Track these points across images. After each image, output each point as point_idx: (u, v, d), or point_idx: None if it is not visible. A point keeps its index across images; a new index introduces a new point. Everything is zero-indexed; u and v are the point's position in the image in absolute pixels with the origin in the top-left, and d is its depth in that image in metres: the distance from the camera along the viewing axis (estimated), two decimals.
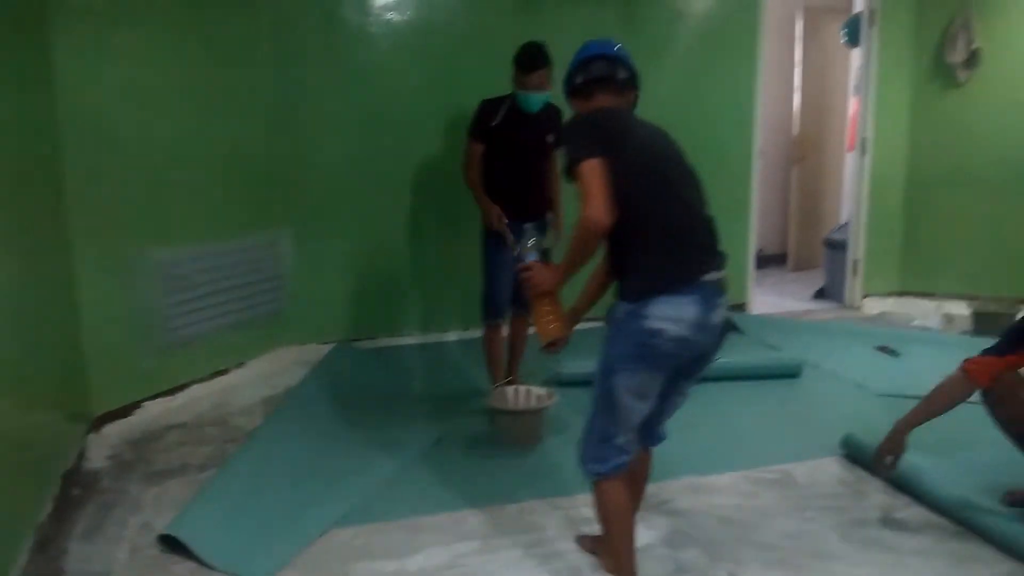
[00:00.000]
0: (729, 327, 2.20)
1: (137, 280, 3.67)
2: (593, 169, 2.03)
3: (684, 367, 2.18)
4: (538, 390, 3.51)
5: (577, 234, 2.07)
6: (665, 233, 2.11)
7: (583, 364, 4.08)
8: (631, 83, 2.32)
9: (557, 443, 3.40)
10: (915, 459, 2.87)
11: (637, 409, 2.13)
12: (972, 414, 2.77)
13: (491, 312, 3.85)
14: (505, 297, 3.82)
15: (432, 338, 5.02)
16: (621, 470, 2.17)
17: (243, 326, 4.30)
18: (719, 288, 2.11)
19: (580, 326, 2.43)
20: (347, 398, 3.95)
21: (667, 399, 2.25)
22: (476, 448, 3.45)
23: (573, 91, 2.35)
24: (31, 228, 2.93)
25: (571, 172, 2.08)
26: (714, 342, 2.15)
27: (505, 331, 3.93)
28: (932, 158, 5.66)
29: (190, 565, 2.49)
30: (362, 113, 4.69)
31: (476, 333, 4.13)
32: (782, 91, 7.07)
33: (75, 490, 3.00)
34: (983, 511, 2.65)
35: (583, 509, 2.78)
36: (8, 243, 2.61)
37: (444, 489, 3.02)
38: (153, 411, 3.72)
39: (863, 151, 5.69)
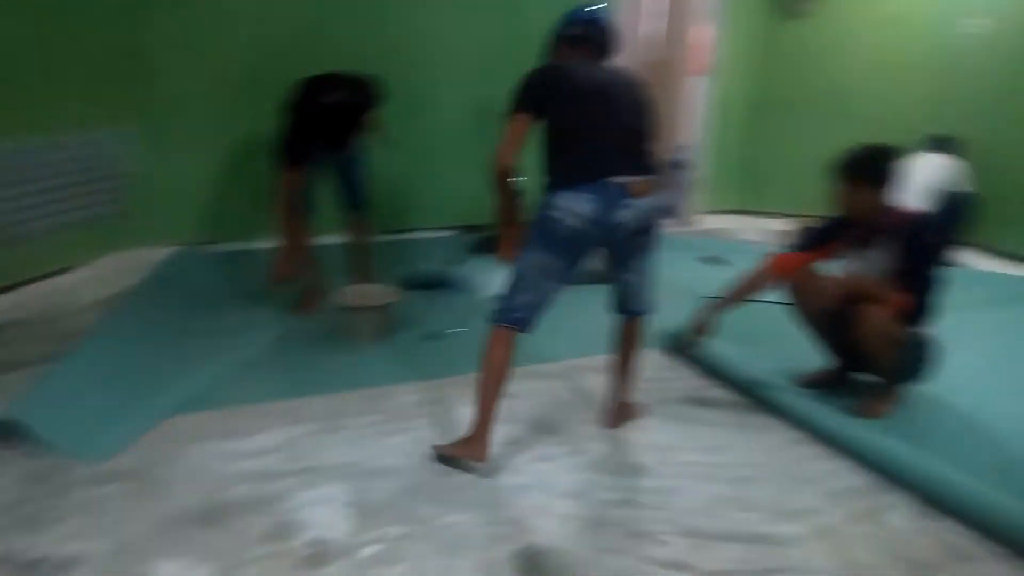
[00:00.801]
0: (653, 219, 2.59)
1: None
2: (513, 121, 2.52)
3: (614, 253, 2.64)
4: (383, 288, 3.64)
5: (490, 167, 2.51)
6: (577, 144, 2.51)
7: (431, 267, 4.28)
8: (585, 40, 2.70)
9: (400, 338, 3.57)
10: (725, 347, 3.21)
11: (536, 282, 2.49)
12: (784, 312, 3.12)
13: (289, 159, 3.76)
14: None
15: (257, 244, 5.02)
16: (511, 327, 2.49)
17: (80, 226, 4.21)
18: (625, 190, 2.46)
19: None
20: (189, 297, 3.96)
21: (622, 281, 2.69)
22: (320, 342, 3.56)
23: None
24: None
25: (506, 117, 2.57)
26: (620, 236, 2.53)
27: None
28: (770, 84, 6.06)
29: (26, 450, 2.50)
30: (215, 16, 4.61)
31: (331, 238, 4.18)
32: (633, 18, 7.26)
33: None
34: (774, 388, 3.00)
35: (419, 393, 3.02)
36: None
37: (286, 379, 3.14)
38: None
39: (708, 76, 5.99)
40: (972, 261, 5.19)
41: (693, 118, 6.24)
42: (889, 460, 2.51)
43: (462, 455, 2.50)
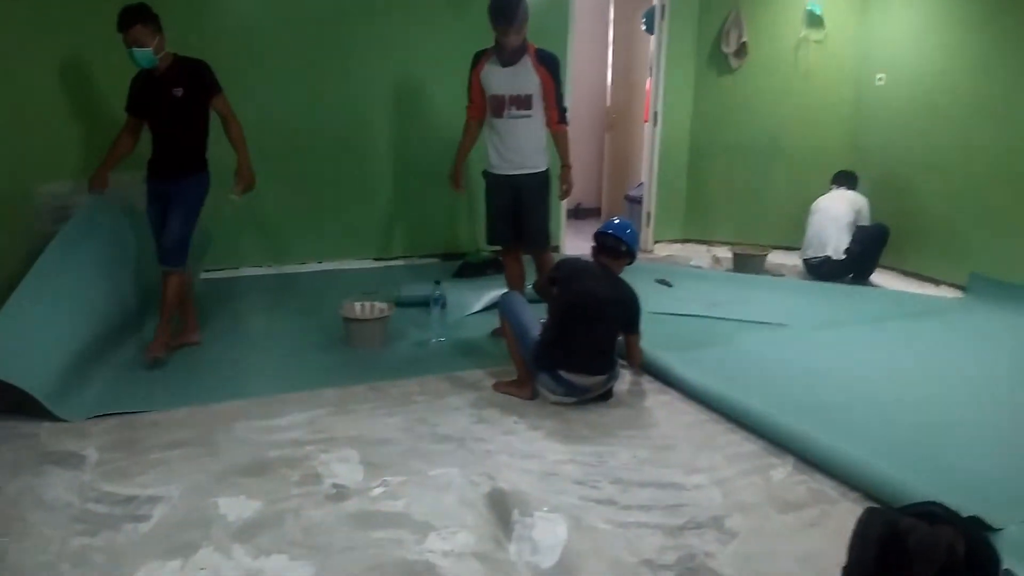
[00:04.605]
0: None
1: (31, 210, 4.24)
2: (548, 290, 3.81)
3: None
4: (380, 304, 4.38)
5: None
6: (560, 334, 3.54)
7: (418, 288, 5.02)
8: (621, 255, 3.74)
9: (395, 345, 4.35)
10: (658, 352, 3.96)
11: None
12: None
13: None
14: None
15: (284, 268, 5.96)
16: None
17: None
18: (577, 386, 3.52)
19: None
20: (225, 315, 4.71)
21: None
22: (330, 348, 4.31)
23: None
24: None
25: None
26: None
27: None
28: (709, 130, 6.92)
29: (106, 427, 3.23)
30: None
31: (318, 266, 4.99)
32: (598, 67, 8.12)
33: None
34: (696, 381, 3.75)
35: (412, 386, 3.74)
36: None
37: (304, 375, 3.88)
38: None
39: (655, 122, 6.85)
40: (883, 281, 6.02)
41: (646, 159, 7.08)
42: (776, 431, 3.26)
43: (514, 393, 3.65)
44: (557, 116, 4.19)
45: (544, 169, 4.27)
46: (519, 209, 4.25)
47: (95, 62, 4.62)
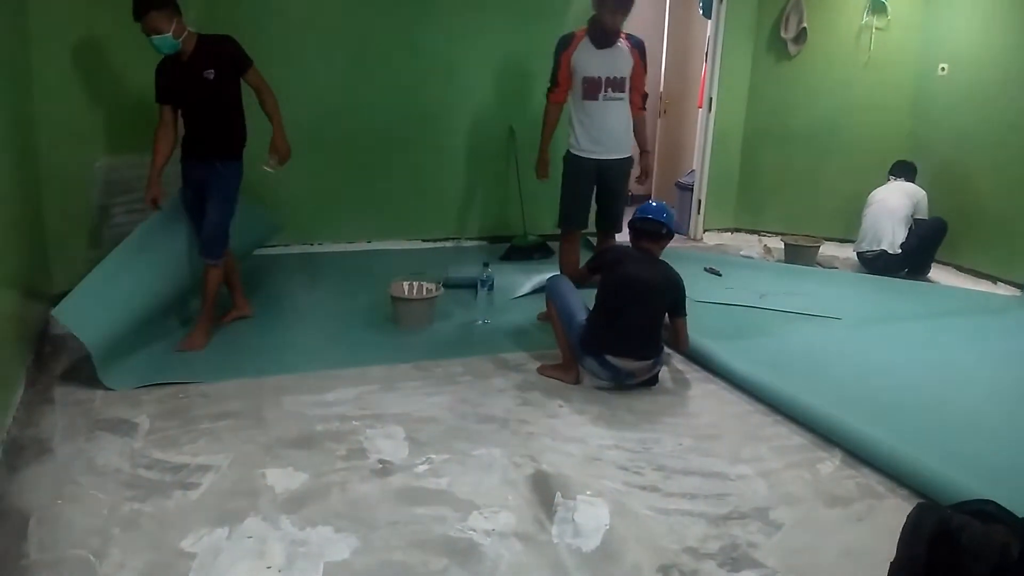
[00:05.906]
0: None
1: (87, 184, 4.32)
2: (584, 273, 3.89)
3: None
4: (428, 284, 4.39)
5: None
6: (607, 319, 3.51)
7: (466, 270, 5.04)
8: (659, 237, 3.66)
9: (441, 326, 4.37)
10: (705, 340, 3.92)
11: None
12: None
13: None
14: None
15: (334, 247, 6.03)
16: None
17: None
18: (623, 370, 3.50)
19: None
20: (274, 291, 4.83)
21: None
22: (378, 326, 4.34)
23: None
24: (12, 144, 3.57)
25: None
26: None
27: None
28: (764, 118, 6.79)
29: (159, 396, 3.29)
30: None
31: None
32: (652, 51, 7.97)
33: (47, 348, 3.71)
34: (739, 369, 3.70)
35: (457, 367, 3.76)
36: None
37: (352, 353, 3.92)
38: None
39: (709, 109, 6.75)
40: (939, 278, 5.87)
41: (699, 146, 6.98)
42: (825, 424, 3.20)
43: (559, 377, 3.65)
44: (641, 101, 4.24)
45: (629, 155, 4.31)
46: (600, 193, 4.31)
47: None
